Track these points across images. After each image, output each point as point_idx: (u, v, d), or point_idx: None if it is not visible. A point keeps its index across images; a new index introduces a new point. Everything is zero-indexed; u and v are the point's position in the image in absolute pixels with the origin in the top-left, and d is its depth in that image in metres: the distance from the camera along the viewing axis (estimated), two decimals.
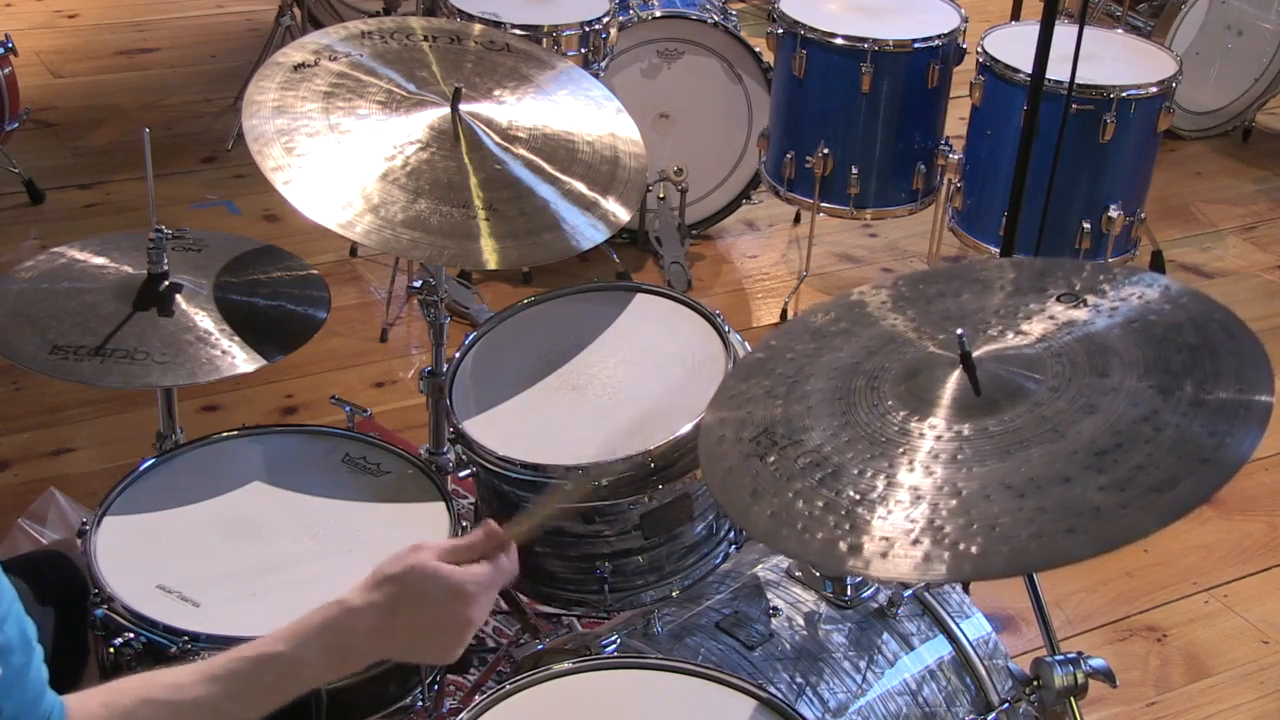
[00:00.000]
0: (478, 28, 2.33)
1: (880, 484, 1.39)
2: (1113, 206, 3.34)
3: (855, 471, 1.42)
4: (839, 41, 3.39)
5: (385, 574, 1.34)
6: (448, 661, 1.39)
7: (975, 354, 1.48)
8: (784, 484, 1.45)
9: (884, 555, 1.32)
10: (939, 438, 1.42)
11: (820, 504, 1.40)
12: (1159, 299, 1.52)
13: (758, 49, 3.77)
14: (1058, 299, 1.57)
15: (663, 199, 3.84)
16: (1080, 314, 1.53)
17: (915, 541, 1.31)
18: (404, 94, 2.06)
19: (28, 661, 1.16)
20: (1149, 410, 1.36)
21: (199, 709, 1.26)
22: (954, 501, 1.34)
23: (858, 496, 1.39)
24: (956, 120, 3.69)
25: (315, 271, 2.18)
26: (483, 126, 2.06)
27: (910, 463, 1.41)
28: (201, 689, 1.27)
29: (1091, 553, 1.25)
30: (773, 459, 1.49)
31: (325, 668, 1.32)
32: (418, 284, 2.16)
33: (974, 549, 1.28)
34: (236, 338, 1.98)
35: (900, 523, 1.34)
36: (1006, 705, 1.79)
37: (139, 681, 1.29)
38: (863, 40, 3.37)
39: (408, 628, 1.32)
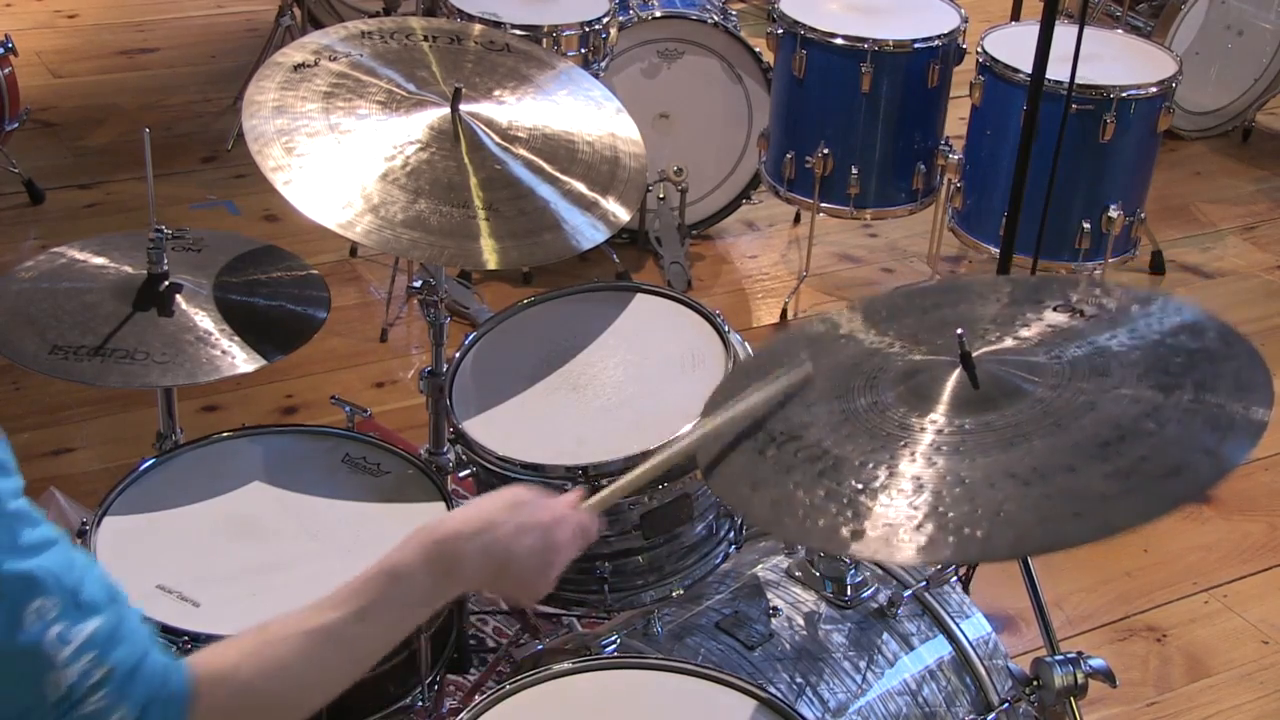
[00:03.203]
0: (477, 28, 2.33)
1: (882, 474, 1.39)
2: (1113, 206, 3.34)
3: (856, 463, 1.42)
4: (839, 41, 3.39)
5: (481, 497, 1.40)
6: (534, 594, 1.40)
7: (974, 354, 1.48)
8: (783, 475, 1.45)
9: (888, 541, 1.32)
10: (940, 431, 1.42)
11: (821, 493, 1.40)
12: (1155, 310, 1.52)
13: (758, 49, 3.77)
14: (1054, 309, 1.57)
15: (663, 199, 3.84)
16: (1077, 322, 1.53)
17: (919, 527, 1.31)
18: (404, 94, 2.06)
19: (121, 617, 1.17)
20: (1150, 407, 1.36)
21: (327, 636, 1.27)
22: (958, 489, 1.34)
23: (860, 486, 1.39)
24: (956, 120, 3.69)
25: (315, 271, 2.18)
26: (483, 126, 2.06)
27: (912, 454, 1.41)
28: (325, 616, 1.29)
29: (1098, 535, 1.25)
30: (771, 454, 1.49)
31: (428, 575, 1.32)
32: (418, 284, 2.16)
33: (979, 533, 1.28)
34: (236, 338, 1.98)
35: (904, 509, 1.34)
36: (1006, 705, 1.79)
37: (277, 623, 1.30)
38: (863, 40, 3.37)
39: (500, 539, 1.35)
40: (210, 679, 1.23)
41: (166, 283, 2.02)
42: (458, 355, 2.07)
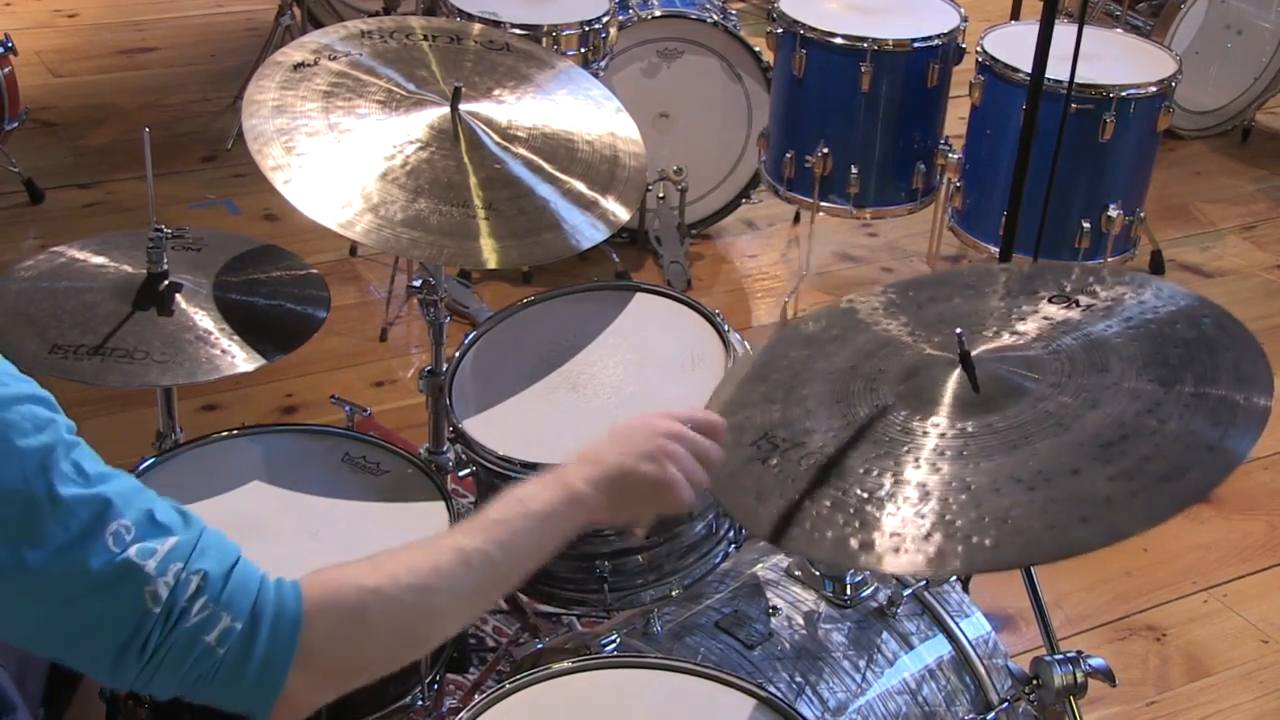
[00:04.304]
0: (477, 27, 2.33)
1: (887, 481, 1.39)
2: (1112, 206, 3.34)
3: (860, 471, 1.42)
4: (838, 41, 3.39)
5: None
6: (666, 493, 1.41)
7: (973, 353, 1.48)
8: (789, 485, 1.45)
9: (896, 551, 1.32)
10: (943, 435, 1.42)
11: (827, 503, 1.40)
12: (1150, 297, 1.52)
13: (757, 48, 3.77)
14: (1049, 300, 1.57)
15: (662, 198, 3.84)
16: (1074, 314, 1.53)
17: (927, 536, 1.31)
18: (404, 93, 2.06)
19: (201, 531, 1.21)
20: (1151, 403, 1.36)
21: (457, 557, 1.28)
22: (964, 496, 1.34)
23: (865, 495, 1.39)
24: (956, 120, 3.69)
25: (315, 271, 2.18)
26: (482, 126, 2.06)
27: (916, 460, 1.40)
28: (452, 539, 1.30)
29: (1106, 541, 1.25)
30: (775, 462, 1.49)
31: (548, 502, 1.34)
32: (417, 283, 2.16)
33: (987, 541, 1.28)
34: (236, 337, 1.98)
35: (911, 518, 1.34)
36: (1006, 704, 1.79)
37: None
38: (862, 40, 3.37)
39: (611, 449, 1.40)
40: (327, 597, 1.22)
41: (166, 282, 2.02)
42: (457, 354, 2.07)
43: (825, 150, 3.48)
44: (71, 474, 1.13)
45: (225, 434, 2.02)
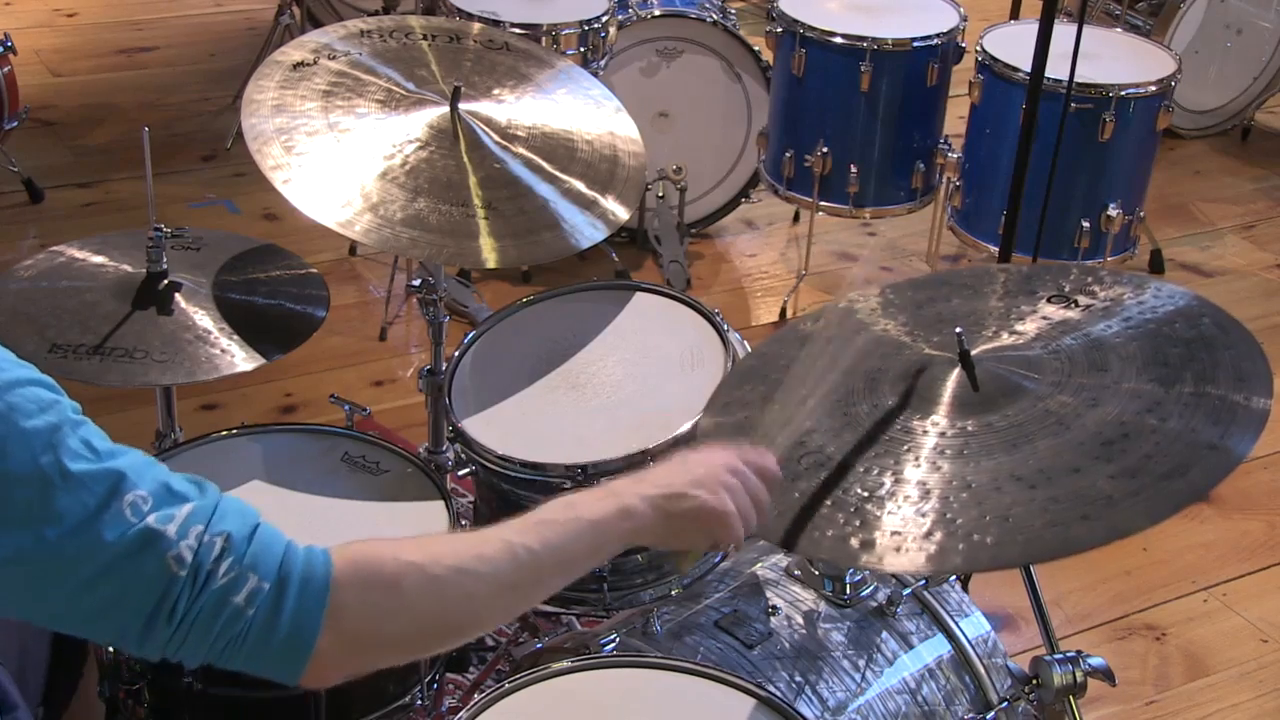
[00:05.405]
0: (477, 26, 2.33)
1: (888, 481, 1.39)
2: (1112, 205, 3.34)
3: (861, 470, 1.42)
4: (838, 40, 3.39)
5: None
6: (722, 520, 1.38)
7: (973, 352, 1.48)
8: (789, 484, 1.45)
9: (897, 549, 1.32)
10: (943, 434, 1.42)
11: (828, 503, 1.40)
12: (1149, 297, 1.52)
13: (757, 48, 3.76)
14: (1048, 300, 1.57)
15: (662, 198, 3.84)
16: (1073, 313, 1.53)
17: (928, 535, 1.31)
18: (403, 93, 2.06)
19: (219, 498, 1.20)
20: (1151, 402, 1.36)
21: (498, 544, 1.27)
22: (964, 494, 1.34)
23: (865, 494, 1.39)
24: (955, 119, 3.69)
25: (314, 270, 2.18)
26: (482, 125, 2.06)
27: (916, 459, 1.41)
28: (499, 531, 1.29)
29: (1107, 539, 1.25)
30: None
31: (600, 511, 1.33)
32: (417, 283, 2.16)
33: (989, 540, 1.28)
34: (236, 336, 1.98)
35: (911, 517, 1.34)
36: (1005, 704, 1.79)
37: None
38: (862, 39, 3.37)
39: (668, 474, 1.37)
40: (363, 563, 1.21)
41: (166, 281, 2.02)
42: (457, 354, 2.07)
43: (825, 149, 3.48)
44: (81, 450, 1.14)
45: (225, 433, 2.02)
